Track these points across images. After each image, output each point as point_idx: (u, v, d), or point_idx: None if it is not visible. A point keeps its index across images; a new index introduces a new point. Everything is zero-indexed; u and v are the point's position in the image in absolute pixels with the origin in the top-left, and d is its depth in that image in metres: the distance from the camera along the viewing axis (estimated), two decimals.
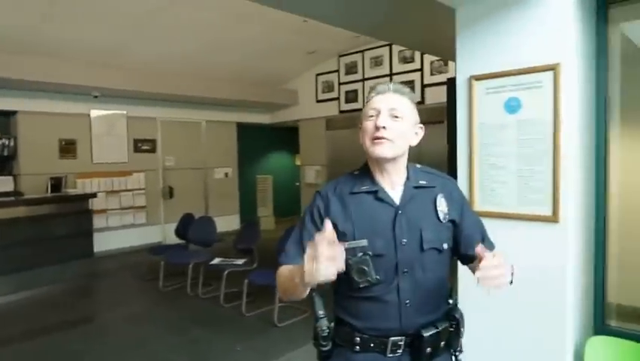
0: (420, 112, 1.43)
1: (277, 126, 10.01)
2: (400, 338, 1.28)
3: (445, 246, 1.33)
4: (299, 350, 3.40)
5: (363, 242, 1.26)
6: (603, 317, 2.26)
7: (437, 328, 1.30)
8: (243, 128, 9.49)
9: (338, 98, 8.43)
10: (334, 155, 8.26)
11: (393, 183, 1.34)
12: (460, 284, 2.26)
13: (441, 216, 1.33)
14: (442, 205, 1.34)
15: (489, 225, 1.48)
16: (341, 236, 1.26)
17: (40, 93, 6.59)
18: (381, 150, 1.28)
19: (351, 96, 8.22)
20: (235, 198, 9.31)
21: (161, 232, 8.00)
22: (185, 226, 5.66)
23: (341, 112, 8.38)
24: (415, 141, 1.36)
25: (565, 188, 2.05)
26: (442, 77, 6.86)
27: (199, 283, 4.84)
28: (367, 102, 1.34)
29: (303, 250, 1.27)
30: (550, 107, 2.11)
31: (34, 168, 6.62)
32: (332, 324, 1.36)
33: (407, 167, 1.37)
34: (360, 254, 1.26)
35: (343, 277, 1.26)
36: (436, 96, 6.81)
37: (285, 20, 5.95)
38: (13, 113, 6.57)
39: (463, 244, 1.38)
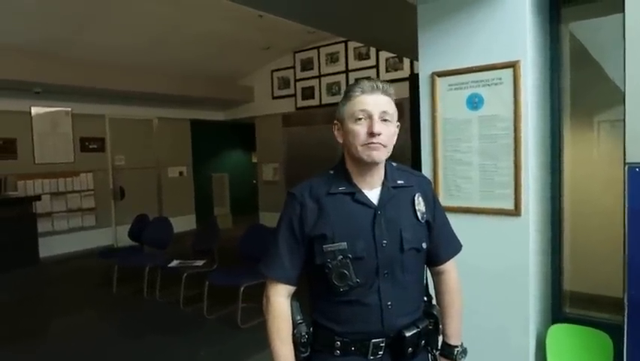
0: None
1: (232, 123, 9.84)
2: (381, 339, 1.26)
3: (424, 245, 1.33)
4: (265, 351, 3.33)
5: (343, 245, 1.23)
6: (560, 304, 2.35)
7: (418, 327, 1.29)
8: (196, 126, 9.25)
9: (294, 95, 8.37)
10: (292, 152, 8.20)
11: (372, 184, 1.30)
12: None
13: (419, 215, 1.32)
14: (420, 205, 1.34)
15: (454, 220, 1.50)
16: (320, 239, 1.26)
17: None
18: (376, 156, 1.24)
19: (308, 93, 8.19)
20: (190, 198, 9.07)
21: (113, 235, 7.66)
22: (140, 227, 5.43)
23: (298, 109, 8.33)
24: (395, 140, 1.32)
25: (525, 182, 2.11)
26: (398, 74, 6.98)
27: (156, 286, 4.65)
28: (350, 99, 1.26)
29: (284, 263, 1.30)
30: (510, 103, 2.16)
31: None
32: (310, 329, 1.31)
33: (385, 165, 1.34)
34: (340, 257, 1.23)
35: (322, 281, 1.26)
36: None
37: (240, 15, 5.83)
38: None
39: (430, 248, 1.37)
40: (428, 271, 1.45)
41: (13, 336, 3.94)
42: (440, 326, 1.39)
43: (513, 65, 2.14)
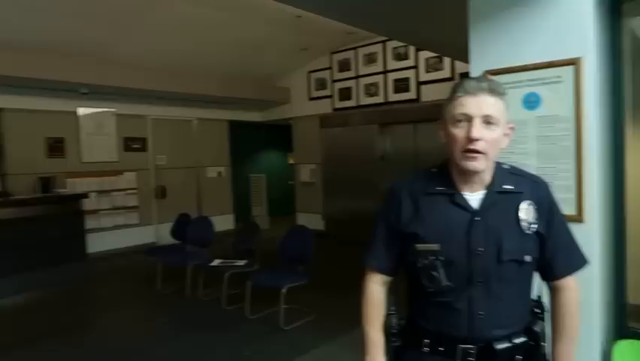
0: (416, 110, 1.36)
1: (270, 124, 9.91)
2: (470, 346, 1.22)
3: (528, 258, 1.23)
4: (307, 354, 3.31)
5: (434, 246, 1.21)
6: (624, 318, 2.21)
7: (512, 342, 1.22)
8: (235, 126, 9.37)
9: (331, 96, 8.35)
10: (330, 153, 8.19)
11: (475, 187, 1.24)
12: None
13: (524, 225, 1.22)
14: (526, 214, 1.23)
15: None
16: (412, 237, 1.24)
17: (26, 90, 6.34)
18: (474, 165, 1.18)
19: (345, 94, 8.15)
20: (229, 198, 9.18)
21: (155, 233, 7.84)
22: (182, 226, 5.53)
23: (335, 110, 8.30)
24: (505, 144, 1.24)
25: (590, 186, 2.00)
26: (438, 75, 6.85)
27: (199, 285, 4.72)
28: (452, 100, 1.20)
29: (379, 253, 1.34)
30: (571, 102, 2.06)
31: (22, 167, 6.42)
32: (402, 321, 1.34)
33: (494, 167, 1.26)
34: (432, 258, 1.20)
35: (414, 278, 1.26)
36: (433, 93, 6.78)
37: (278, 16, 5.87)
38: None
39: (545, 259, 1.27)
40: (541, 284, 1.35)
41: (58, 329, 4.08)
42: (542, 344, 1.29)
43: (574, 63, 2.03)
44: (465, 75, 2.49)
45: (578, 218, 2.01)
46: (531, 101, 2.19)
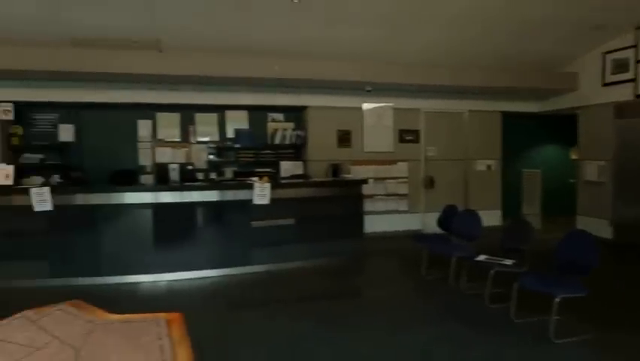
0: None
1: (549, 115, 9.02)
2: None
3: None
4: None
5: None
6: None
7: None
8: (508, 118, 8.89)
9: (634, 80, 6.97)
10: (626, 148, 6.92)
11: None
12: None
13: None
14: None
15: None
16: None
17: (324, 90, 7.64)
18: None
19: None
20: (497, 193, 8.83)
21: (421, 220, 8.26)
22: (448, 217, 5.66)
23: (638, 96, 6.91)
24: None
25: None
26: None
27: (461, 277, 4.78)
28: None
29: None
30: None
31: (319, 155, 7.77)
32: None
33: None
34: None
35: None
36: None
37: None
38: (304, 108, 7.83)
39: None
40: None
41: (336, 292, 4.98)
42: None
43: None
44: None
45: None
46: None
